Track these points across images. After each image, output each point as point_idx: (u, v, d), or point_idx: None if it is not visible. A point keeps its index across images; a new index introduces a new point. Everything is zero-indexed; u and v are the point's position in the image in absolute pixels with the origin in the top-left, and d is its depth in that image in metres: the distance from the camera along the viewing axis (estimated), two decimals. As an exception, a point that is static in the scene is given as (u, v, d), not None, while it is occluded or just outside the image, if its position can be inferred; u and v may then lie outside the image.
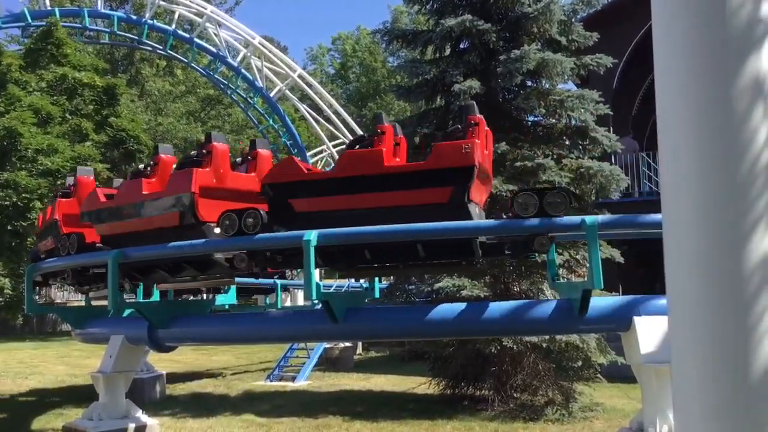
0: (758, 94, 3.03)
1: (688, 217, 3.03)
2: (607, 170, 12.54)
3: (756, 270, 2.92)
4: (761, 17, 3.07)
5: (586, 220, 6.49)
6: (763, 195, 2.99)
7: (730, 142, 2.95)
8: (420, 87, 13.90)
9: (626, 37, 16.70)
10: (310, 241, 6.54)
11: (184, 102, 37.00)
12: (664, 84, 3.14)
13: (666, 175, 3.15)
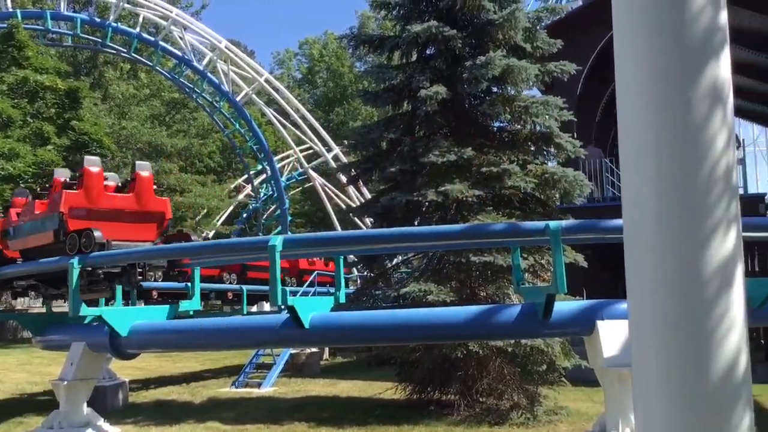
0: (717, 100, 3.08)
1: (647, 222, 3.06)
2: (571, 176, 12.69)
3: (715, 275, 2.96)
4: (720, 25, 3.12)
5: (549, 225, 6.55)
6: (722, 201, 3.04)
7: (690, 149, 2.99)
8: (387, 92, 13.95)
9: (589, 45, 16.93)
10: (276, 246, 6.50)
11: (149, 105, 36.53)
12: (625, 91, 3.18)
13: (626, 180, 3.18)
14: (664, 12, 3.00)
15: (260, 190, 38.22)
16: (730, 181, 3.08)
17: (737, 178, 8.34)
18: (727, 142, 3.09)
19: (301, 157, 33.38)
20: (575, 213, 14.56)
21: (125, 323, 8.39)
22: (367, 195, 28.18)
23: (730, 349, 3.02)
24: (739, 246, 3.07)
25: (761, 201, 17.35)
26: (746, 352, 3.08)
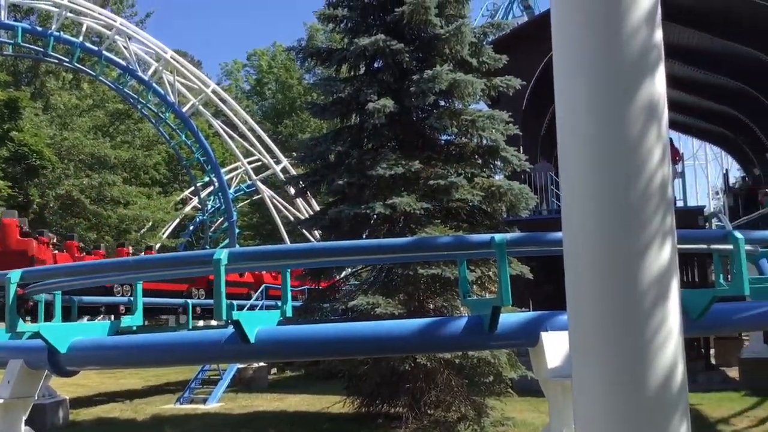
0: (652, 116, 3.15)
1: (585, 235, 3.12)
2: (517, 189, 12.87)
3: (651, 287, 3.03)
4: (655, 43, 3.21)
5: (495, 238, 6.60)
6: (657, 214, 3.11)
7: (626, 163, 3.06)
8: (335, 105, 13.94)
9: (534, 61, 17.24)
10: (221, 260, 6.41)
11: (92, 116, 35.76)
12: (564, 106, 3.24)
13: (566, 194, 3.24)
14: (601, 30, 3.07)
15: (207, 203, 37.75)
16: (665, 195, 3.16)
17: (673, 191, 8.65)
18: (662, 157, 3.17)
19: (249, 169, 33.09)
20: (522, 225, 14.76)
21: (65, 339, 8.14)
22: (316, 207, 28.08)
23: (666, 359, 3.09)
24: (674, 258, 3.15)
25: (700, 213, 17.87)
26: (683, 362, 3.15)
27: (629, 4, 3.10)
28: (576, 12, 3.13)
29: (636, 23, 3.11)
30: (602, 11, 3.06)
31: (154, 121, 33.57)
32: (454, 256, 8.48)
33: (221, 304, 6.13)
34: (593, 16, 3.10)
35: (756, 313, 8.19)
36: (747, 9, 18.22)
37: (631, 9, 3.10)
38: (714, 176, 52.19)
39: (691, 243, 7.92)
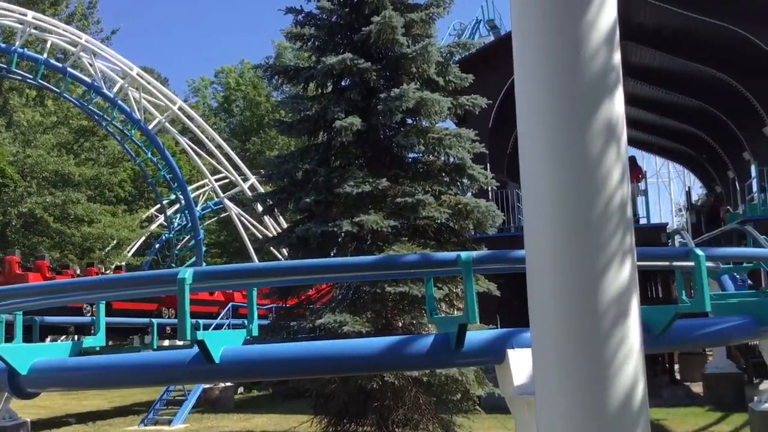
0: (611, 137, 3.20)
1: (547, 254, 3.15)
2: (484, 206, 12.96)
3: (611, 305, 3.06)
4: (614, 65, 3.27)
5: (461, 256, 6.63)
6: (617, 233, 3.16)
7: (586, 184, 3.10)
8: (302, 123, 13.95)
9: (500, 80, 17.43)
10: (185, 279, 6.33)
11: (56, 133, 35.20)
12: (525, 126, 3.28)
13: (528, 213, 3.28)
14: (561, 52, 3.12)
15: (174, 220, 37.36)
16: (624, 215, 3.21)
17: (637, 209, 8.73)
18: (622, 177, 3.22)
19: (217, 186, 32.86)
20: (489, 243, 14.87)
21: (25, 361, 7.97)
22: (284, 225, 27.96)
23: (627, 376, 3.12)
24: (634, 276, 3.20)
25: (663, 230, 18.16)
26: (643, 379, 3.19)
27: (588, 27, 3.16)
28: (536, 34, 3.18)
29: (595, 46, 3.17)
30: (562, 34, 3.11)
31: (120, 138, 33.21)
32: (421, 274, 8.51)
33: (185, 324, 6.05)
34: (553, 38, 3.15)
35: (717, 329, 8.32)
36: (707, 30, 18.68)
37: (590, 32, 3.16)
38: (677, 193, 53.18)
39: (653, 260, 8.03)
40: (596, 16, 3.17)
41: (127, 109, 29.96)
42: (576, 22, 3.12)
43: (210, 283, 7.27)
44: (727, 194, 27.46)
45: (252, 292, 7.30)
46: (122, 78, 29.99)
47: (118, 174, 40.69)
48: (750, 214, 17.65)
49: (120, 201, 41.67)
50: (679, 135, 29.28)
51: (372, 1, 13.27)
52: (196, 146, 32.50)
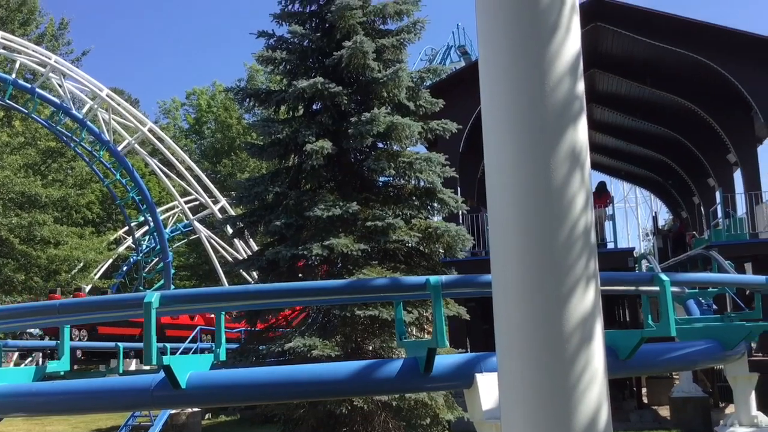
0: (575, 164, 3.26)
1: (512, 279, 3.18)
2: (454, 230, 13.03)
3: (575, 330, 3.10)
4: (577, 94, 3.33)
5: (430, 280, 6.66)
6: (581, 259, 3.20)
7: (551, 210, 3.15)
8: (273, 146, 13.95)
9: (470, 105, 17.58)
10: (152, 303, 6.26)
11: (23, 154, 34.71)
12: (491, 153, 3.33)
13: (493, 239, 3.31)
14: (525, 81, 3.18)
15: (142, 242, 36.94)
16: (589, 240, 3.26)
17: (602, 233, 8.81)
18: (585, 203, 3.27)
19: (186, 208, 32.61)
20: (459, 266, 14.93)
21: (-15, 386, 7.80)
22: (255, 248, 27.79)
23: (592, 400, 3.15)
24: (598, 302, 3.24)
25: (630, 255, 18.37)
26: (607, 403, 3.22)
27: (552, 58, 3.22)
28: (501, 63, 3.24)
29: (559, 75, 3.23)
30: (526, 63, 3.17)
31: (88, 159, 32.85)
32: (390, 298, 8.51)
33: (151, 349, 5.98)
34: (518, 68, 3.21)
35: (683, 353, 8.43)
36: (672, 59, 19.09)
37: (554, 62, 3.22)
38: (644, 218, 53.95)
39: (620, 285, 8.12)
40: (560, 47, 3.24)
41: (96, 130, 29.69)
42: (540, 53, 3.18)
43: (177, 307, 7.20)
44: (692, 219, 27.93)
45: (220, 315, 7.24)
46: (92, 99, 29.74)
47: (86, 195, 40.19)
48: (715, 240, 17.95)
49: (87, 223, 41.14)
50: (645, 161, 29.78)
51: (343, 27, 13.37)
52: (166, 168, 32.26)
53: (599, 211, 18.66)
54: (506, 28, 3.23)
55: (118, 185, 33.39)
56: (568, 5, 3.29)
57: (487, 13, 3.34)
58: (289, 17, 14.49)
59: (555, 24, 3.23)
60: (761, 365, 14.30)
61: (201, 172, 33.44)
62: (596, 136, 28.02)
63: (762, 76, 17.68)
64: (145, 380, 6.87)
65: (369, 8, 14.06)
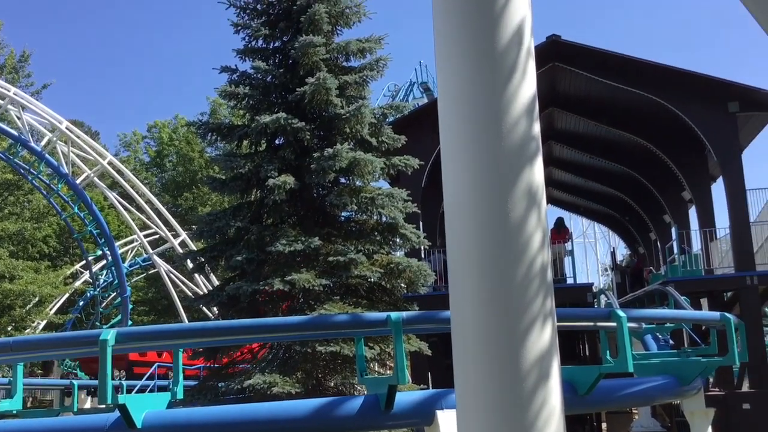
0: (532, 203, 3.33)
1: (470, 317, 3.22)
2: (415, 266, 13.07)
3: (533, 368, 3.13)
4: (533, 135, 3.42)
5: (391, 316, 6.68)
6: (538, 297, 3.25)
7: (508, 248, 3.20)
8: (235, 180, 13.91)
9: (432, 141, 17.74)
10: (108, 340, 6.16)
11: (-22, 187, 34.11)
12: (450, 193, 3.38)
13: (452, 275, 3.35)
14: (483, 122, 3.25)
15: (99, 277, 36.23)
16: (545, 278, 3.32)
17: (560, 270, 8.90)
18: (542, 242, 3.34)
19: (146, 242, 32.19)
20: (421, 302, 14.95)
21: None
22: (215, 283, 27.48)
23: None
24: (554, 339, 3.29)
25: (589, 290, 18.61)
26: (565, 440, 3.26)
27: (510, 99, 3.31)
28: (460, 104, 3.32)
29: (516, 116, 3.32)
30: (484, 105, 3.25)
31: (46, 192, 32.31)
32: (352, 334, 8.49)
33: (105, 387, 5.87)
34: (476, 109, 3.29)
35: (640, 389, 8.54)
36: (627, 98, 19.59)
37: (511, 103, 3.31)
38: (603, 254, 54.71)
39: (578, 321, 8.23)
40: (517, 90, 3.33)
41: (54, 162, 29.28)
42: (497, 95, 3.27)
43: (134, 344, 7.09)
44: (649, 255, 28.43)
45: (178, 352, 7.14)
46: (51, 131, 29.37)
47: (43, 229, 39.44)
48: (671, 275, 18.28)
49: (44, 257, 40.27)
50: (603, 197, 30.34)
51: (307, 63, 13.48)
52: (126, 201, 31.88)
53: (558, 247, 18.91)
54: (464, 70, 3.32)
55: (76, 218, 32.85)
56: (524, 49, 3.39)
57: (446, 55, 3.42)
58: (253, 53, 14.56)
59: (511, 67, 3.32)
60: (717, 400, 14.54)
61: (161, 206, 33.08)
62: (555, 173, 28.51)
63: (715, 116, 18.23)
64: (100, 420, 6.72)
65: (332, 45, 14.21)
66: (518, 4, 3.31)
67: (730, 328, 9.27)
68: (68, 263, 42.83)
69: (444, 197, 3.44)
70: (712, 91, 18.24)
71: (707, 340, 12.16)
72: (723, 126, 18.13)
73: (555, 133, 24.48)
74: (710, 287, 18.38)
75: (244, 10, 14.70)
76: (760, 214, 18.69)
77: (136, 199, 31.26)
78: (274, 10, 14.70)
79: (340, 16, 14.56)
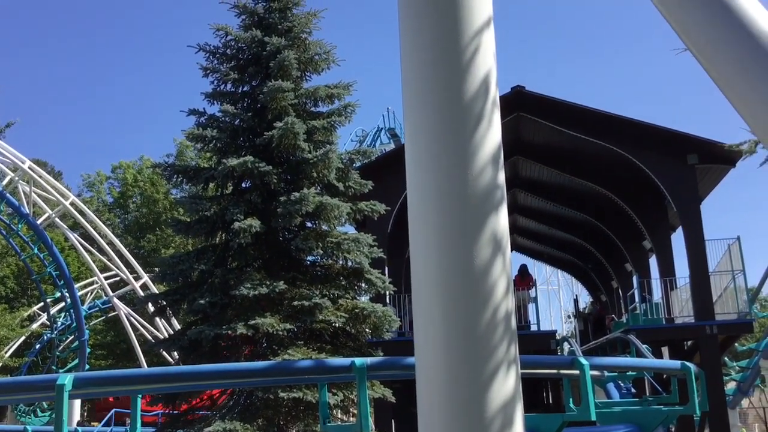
0: (497, 251, 3.37)
1: (435, 363, 3.22)
2: (380, 311, 13.03)
3: (497, 415, 3.14)
4: (499, 183, 3.48)
5: (355, 362, 6.64)
6: (503, 344, 3.27)
7: (472, 296, 3.23)
8: (200, 223, 13.81)
9: (399, 187, 17.87)
10: (65, 385, 6.00)
11: (-66, 225, 33.29)
12: (415, 239, 3.41)
13: (417, 321, 3.36)
14: (449, 170, 3.31)
15: (57, 319, 35.36)
16: (510, 325, 3.35)
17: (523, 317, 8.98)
18: (507, 289, 3.38)
19: (106, 284, 31.61)
20: (386, 347, 14.86)
21: None
22: (177, 326, 27.01)
23: (513, 487, 3.17)
24: (518, 386, 3.30)
25: (552, 337, 18.69)
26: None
27: (476, 148, 3.37)
28: (426, 153, 3.37)
29: (481, 165, 3.38)
30: (450, 153, 3.31)
31: (5, 232, 31.66)
32: (315, 380, 8.39)
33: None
34: (443, 155, 3.34)
35: (603, 437, 8.55)
36: (590, 149, 20.01)
37: (477, 152, 3.37)
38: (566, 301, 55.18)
39: (541, 368, 8.25)
40: (483, 138, 3.40)
41: (15, 202, 28.76)
42: (464, 143, 3.33)
43: (92, 389, 6.92)
44: (611, 303, 28.72)
45: (137, 399, 6.98)
46: (13, 171, 28.93)
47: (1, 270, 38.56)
48: (633, 324, 18.47)
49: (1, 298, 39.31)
50: (566, 245, 30.71)
51: (275, 108, 13.56)
52: (87, 242, 31.37)
53: (522, 293, 19.02)
54: (431, 119, 3.38)
55: (36, 259, 32.18)
56: (490, 99, 3.47)
57: (413, 103, 3.49)
58: (221, 96, 14.62)
59: (478, 117, 3.40)
60: (679, 449, 14.58)
61: (123, 247, 32.60)
62: (519, 220, 28.85)
63: (674, 168, 18.69)
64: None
65: (301, 91, 14.33)
66: (484, 55, 3.41)
67: (690, 377, 9.37)
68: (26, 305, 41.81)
69: (410, 243, 3.47)
70: (672, 143, 18.73)
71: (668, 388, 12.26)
72: (682, 177, 18.59)
73: (520, 181, 24.84)
74: (671, 336, 18.59)
75: (213, 54, 14.80)
76: (718, 264, 19.05)
77: (98, 240, 30.78)
78: (244, 55, 14.83)
79: (310, 63, 14.74)
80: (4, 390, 6.61)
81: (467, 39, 3.38)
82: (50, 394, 6.10)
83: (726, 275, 18.72)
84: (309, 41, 14.72)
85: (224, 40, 14.79)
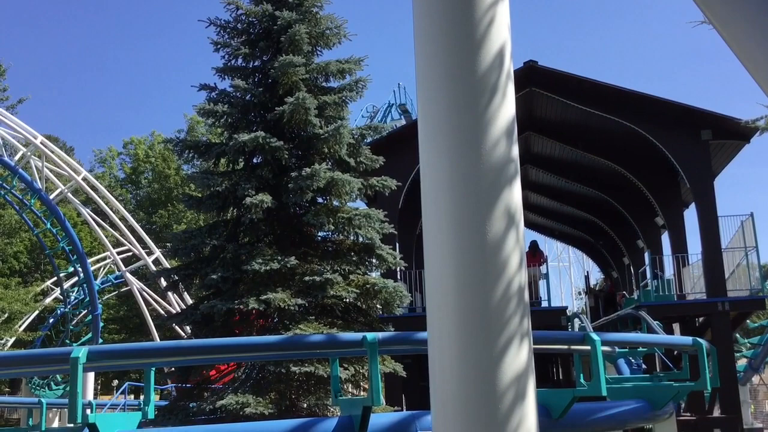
0: (510, 224, 3.36)
1: (448, 336, 3.22)
2: (391, 287, 13.06)
3: (509, 388, 3.14)
4: (512, 157, 3.45)
5: (366, 336, 6.66)
6: (515, 317, 3.27)
7: (486, 269, 3.22)
8: (211, 198, 13.84)
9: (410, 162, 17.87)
10: (79, 358, 6.07)
11: (-52, 201, 33.65)
12: (429, 213, 3.40)
13: (430, 295, 3.36)
14: (462, 145, 3.28)
15: (71, 294, 35.69)
16: (522, 299, 3.34)
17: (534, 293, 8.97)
18: (520, 263, 3.37)
19: (119, 259, 31.80)
20: (397, 322, 14.92)
21: None
22: (189, 301, 27.19)
23: (525, 459, 3.18)
24: (530, 360, 3.30)
25: (563, 313, 18.70)
26: (540, 462, 3.26)
27: (489, 121, 3.34)
28: (439, 127, 3.35)
29: (495, 138, 3.36)
30: (463, 128, 3.28)
31: (18, 207, 31.90)
32: (326, 354, 8.44)
33: (75, 406, 5.77)
34: (456, 130, 3.32)
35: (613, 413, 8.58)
36: (602, 124, 19.86)
37: (490, 126, 3.34)
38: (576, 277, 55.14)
39: (552, 344, 8.26)
40: (496, 112, 3.37)
41: (28, 177, 28.91)
42: (477, 117, 3.30)
43: (106, 362, 6.99)
44: (623, 280, 28.66)
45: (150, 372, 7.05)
46: (25, 146, 29.04)
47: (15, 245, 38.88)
48: (644, 300, 18.44)
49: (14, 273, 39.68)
50: (578, 221, 30.60)
51: (286, 83, 13.51)
52: (99, 218, 31.53)
53: (533, 270, 19.01)
54: (445, 92, 3.35)
55: (48, 234, 32.42)
56: (504, 72, 3.44)
57: (427, 76, 3.46)
58: (232, 71, 14.56)
59: (492, 89, 3.37)
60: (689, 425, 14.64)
61: (135, 223, 32.77)
62: (531, 196, 28.73)
63: (687, 143, 18.53)
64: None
65: (312, 66, 14.26)
66: (499, 28, 3.37)
67: (701, 354, 9.37)
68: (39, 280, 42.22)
69: (422, 217, 3.46)
70: (685, 119, 18.55)
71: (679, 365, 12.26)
72: (696, 153, 18.43)
73: (531, 157, 24.71)
74: (682, 312, 18.56)
75: (224, 28, 14.72)
76: (731, 241, 18.95)
77: (110, 216, 30.94)
78: (255, 29, 14.75)
79: (321, 37, 14.64)
80: (20, 362, 6.69)
81: (482, 11, 3.34)
82: (65, 367, 6.17)
83: (739, 252, 18.62)
84: (320, 15, 14.61)
85: (235, 14, 14.71)
